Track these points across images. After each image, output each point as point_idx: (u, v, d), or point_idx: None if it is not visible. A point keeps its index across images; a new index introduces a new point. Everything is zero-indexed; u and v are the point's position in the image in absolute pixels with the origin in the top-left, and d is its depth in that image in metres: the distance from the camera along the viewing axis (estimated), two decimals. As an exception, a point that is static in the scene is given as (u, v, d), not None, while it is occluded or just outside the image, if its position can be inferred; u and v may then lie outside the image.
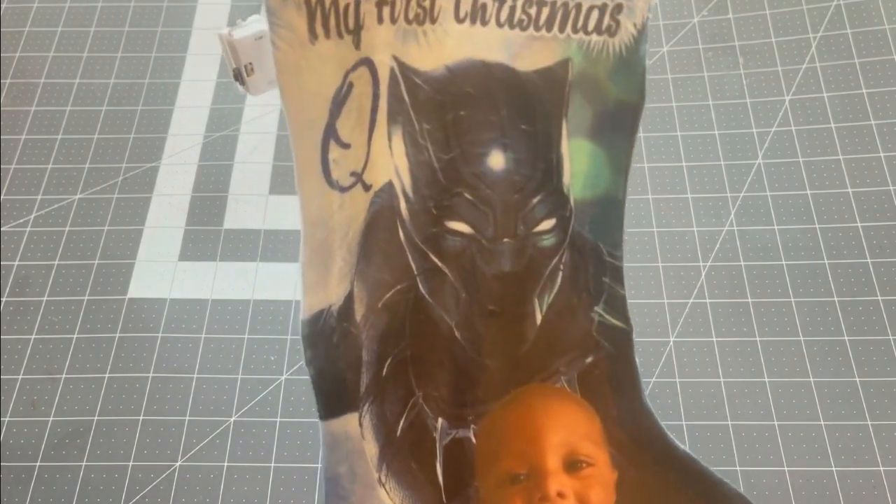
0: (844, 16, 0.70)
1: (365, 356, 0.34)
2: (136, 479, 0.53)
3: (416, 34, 0.29)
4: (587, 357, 0.34)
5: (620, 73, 0.30)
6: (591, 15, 0.29)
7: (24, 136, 0.68)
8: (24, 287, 0.61)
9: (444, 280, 0.33)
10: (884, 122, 0.65)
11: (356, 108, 0.30)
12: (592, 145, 0.32)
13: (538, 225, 0.32)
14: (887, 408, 0.54)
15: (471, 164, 0.32)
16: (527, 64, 0.30)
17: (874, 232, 0.60)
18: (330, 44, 0.29)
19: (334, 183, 0.31)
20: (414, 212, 0.32)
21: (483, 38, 0.30)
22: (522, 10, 0.29)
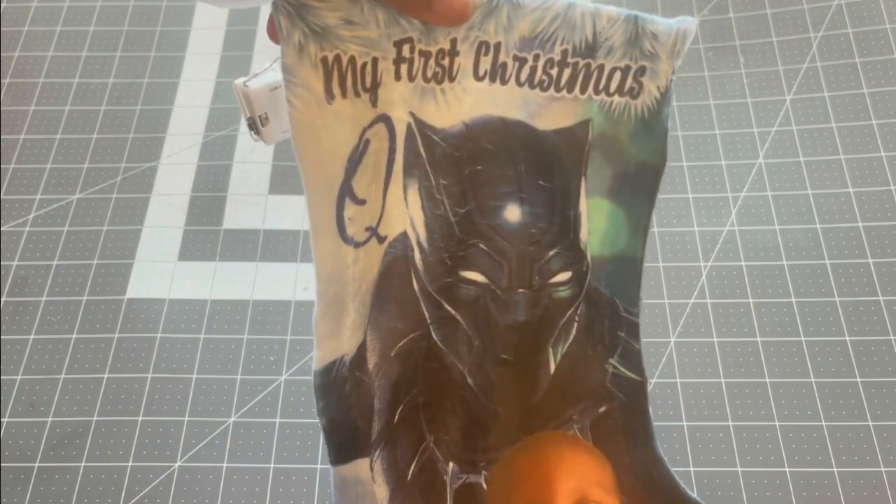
0: (845, 15, 0.70)
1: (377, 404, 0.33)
2: (135, 479, 0.53)
3: (434, 92, 0.28)
4: (600, 406, 0.34)
5: (642, 134, 0.29)
6: (613, 76, 0.28)
7: (22, 135, 0.68)
8: (23, 287, 0.60)
9: (458, 327, 0.32)
10: (885, 122, 0.65)
11: (372, 163, 0.29)
12: (611, 205, 0.31)
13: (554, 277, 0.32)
14: (889, 408, 0.54)
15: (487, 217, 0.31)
16: (546, 123, 0.29)
17: (875, 232, 0.60)
18: (347, 103, 0.28)
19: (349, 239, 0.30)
20: (428, 263, 0.31)
21: (502, 97, 0.29)
22: (543, 71, 0.28)
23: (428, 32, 0.27)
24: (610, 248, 0.32)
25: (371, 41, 0.27)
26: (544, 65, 0.28)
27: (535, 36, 0.27)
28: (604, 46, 0.28)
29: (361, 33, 0.27)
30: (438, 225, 0.31)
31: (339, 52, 0.27)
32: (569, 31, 0.27)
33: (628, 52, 0.28)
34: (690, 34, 0.28)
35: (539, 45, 0.27)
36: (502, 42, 0.27)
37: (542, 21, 0.27)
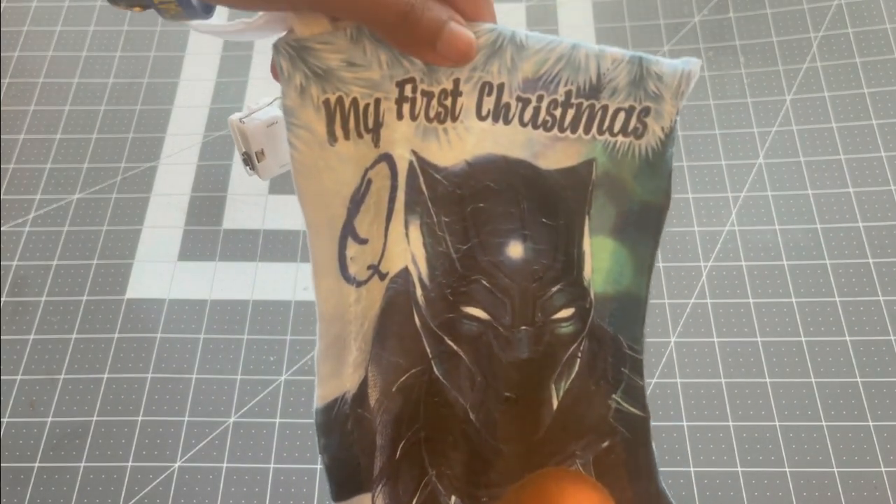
0: (846, 15, 0.70)
1: (379, 440, 0.33)
2: (135, 479, 0.53)
3: (437, 131, 0.28)
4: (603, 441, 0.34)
5: (646, 174, 0.29)
6: (617, 117, 0.28)
7: (22, 135, 0.68)
8: (23, 287, 0.60)
9: (460, 363, 0.32)
10: (885, 122, 0.65)
11: (374, 202, 0.29)
12: (615, 244, 0.31)
13: (556, 313, 0.32)
14: (889, 408, 0.53)
15: (489, 253, 0.31)
16: (550, 163, 0.29)
17: (876, 232, 0.60)
18: (349, 144, 0.28)
19: (351, 279, 0.30)
20: (430, 298, 0.31)
21: (505, 136, 0.29)
22: (547, 112, 0.28)
23: (430, 73, 0.27)
24: (614, 286, 0.32)
25: (373, 82, 0.27)
26: (548, 105, 0.28)
27: (538, 77, 0.27)
28: (608, 87, 0.28)
29: (364, 75, 0.27)
30: (440, 261, 0.31)
31: (341, 94, 0.27)
32: (573, 73, 0.27)
33: (632, 92, 0.28)
34: (695, 75, 0.28)
35: (543, 85, 0.28)
36: (506, 83, 0.27)
37: (545, 62, 0.27)
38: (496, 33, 0.27)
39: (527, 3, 0.73)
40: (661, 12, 0.73)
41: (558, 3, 0.74)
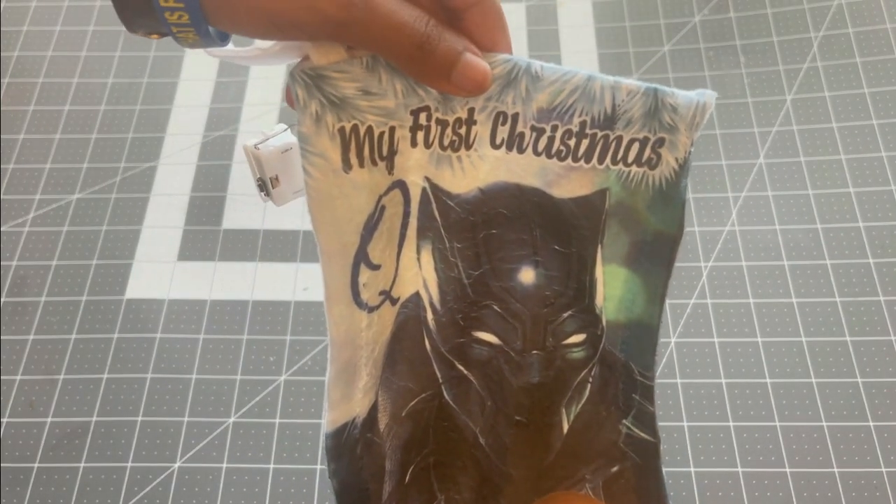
0: (846, 15, 0.70)
1: (388, 465, 0.33)
2: (134, 479, 0.53)
3: (450, 159, 0.29)
4: (613, 466, 0.34)
5: (659, 204, 0.29)
6: (631, 147, 0.28)
7: (22, 135, 0.68)
8: (23, 287, 0.60)
9: (470, 387, 0.33)
10: (886, 122, 0.65)
11: (387, 229, 0.29)
12: (628, 272, 0.31)
13: (567, 338, 0.32)
14: (889, 409, 0.53)
15: (501, 279, 0.31)
16: (563, 192, 0.29)
17: (876, 232, 0.60)
18: (364, 172, 0.28)
19: (363, 305, 0.30)
20: (441, 323, 0.31)
21: (518, 165, 0.29)
22: (561, 142, 0.28)
23: (445, 102, 0.27)
24: (626, 314, 0.31)
25: (388, 111, 0.27)
26: (562, 135, 0.28)
27: (553, 107, 0.27)
28: (623, 118, 0.28)
29: (379, 103, 0.27)
30: (451, 287, 0.31)
31: (356, 122, 0.27)
32: (588, 104, 0.27)
33: (647, 123, 0.28)
34: (710, 108, 0.28)
35: (557, 116, 0.28)
36: (520, 112, 0.27)
37: (560, 93, 0.27)
38: (511, 63, 0.27)
39: (527, 3, 0.73)
40: (661, 12, 0.73)
41: (558, 3, 0.73)
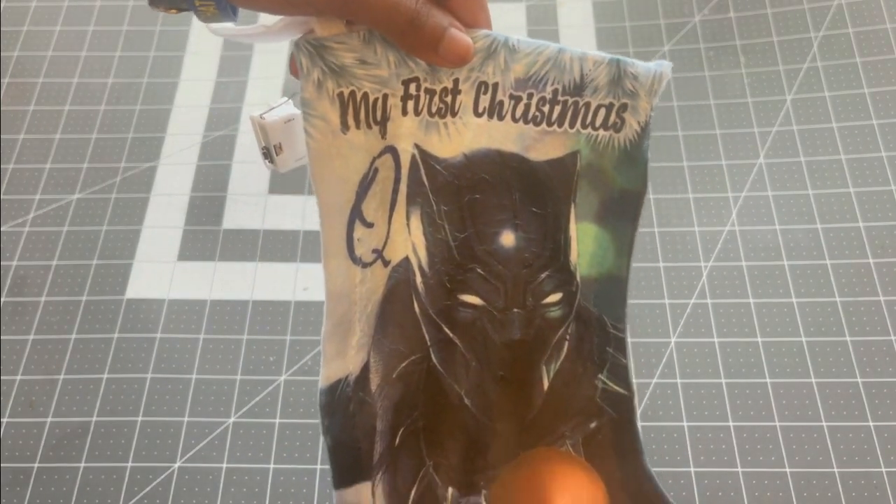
0: (846, 15, 0.70)
1: (379, 426, 0.35)
2: (134, 479, 0.53)
3: (438, 126, 0.32)
4: (591, 422, 0.36)
5: (625, 164, 0.33)
6: (598, 112, 0.32)
7: (22, 135, 0.68)
8: (23, 287, 0.60)
9: (455, 350, 0.35)
10: (886, 122, 0.65)
11: (380, 190, 0.32)
12: (598, 229, 0.34)
13: (546, 298, 0.34)
14: (889, 408, 0.53)
15: (484, 243, 0.34)
16: (539, 155, 0.32)
17: (876, 232, 0.60)
18: (360, 133, 0.31)
19: (357, 259, 0.33)
20: (429, 285, 0.34)
21: (499, 131, 0.32)
22: (536, 108, 0.31)
23: (433, 73, 0.30)
24: (597, 268, 0.34)
25: (382, 79, 0.30)
26: (537, 102, 0.31)
27: (528, 77, 0.31)
28: (590, 86, 0.31)
29: (374, 72, 0.30)
30: (439, 249, 0.34)
31: (353, 88, 0.30)
32: (559, 73, 0.31)
33: (612, 90, 0.32)
34: (667, 76, 0.31)
35: (532, 85, 0.31)
36: (500, 82, 0.31)
37: (535, 64, 0.31)
38: (491, 38, 0.30)
39: (527, 3, 0.73)
40: (661, 12, 0.73)
41: (558, 2, 0.74)
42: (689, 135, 0.66)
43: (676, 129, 0.66)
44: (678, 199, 0.62)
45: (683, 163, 0.64)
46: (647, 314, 0.57)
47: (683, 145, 0.65)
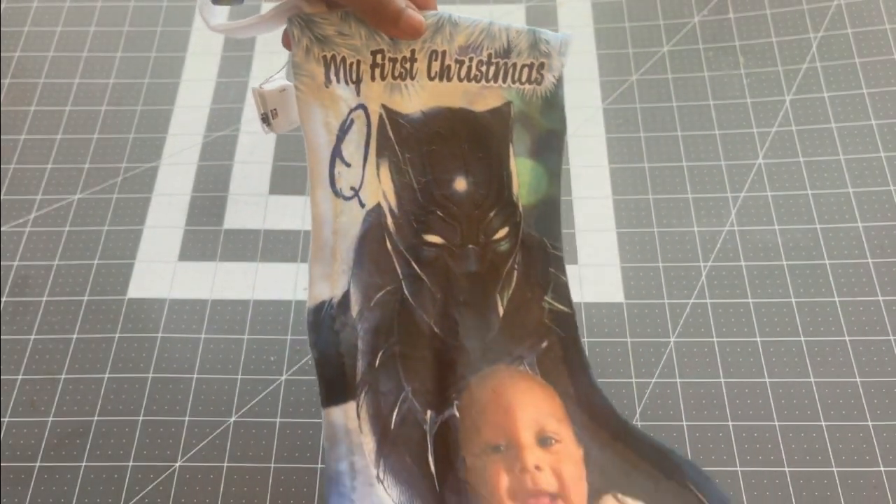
0: (845, 15, 0.70)
1: (360, 345, 0.41)
2: (135, 479, 0.53)
3: (400, 87, 0.40)
4: (542, 342, 0.43)
5: (547, 110, 0.42)
6: (523, 70, 0.41)
7: (23, 135, 0.68)
8: (24, 287, 0.60)
9: (423, 285, 0.42)
10: (885, 122, 0.65)
11: (356, 138, 0.40)
12: (533, 162, 0.42)
13: (495, 234, 0.42)
14: (888, 408, 0.54)
15: (441, 188, 0.42)
16: (481, 106, 0.41)
17: (875, 232, 0.60)
18: (340, 87, 0.40)
19: (338, 192, 0.40)
20: (398, 225, 0.41)
21: (448, 91, 0.41)
22: (476, 69, 0.41)
23: (395, 45, 0.39)
24: (535, 195, 0.42)
25: (356, 48, 0.39)
26: (476, 64, 0.41)
27: (468, 45, 0.40)
28: (515, 50, 0.41)
29: (350, 42, 0.39)
30: (405, 192, 0.41)
31: (334, 52, 0.39)
32: (491, 41, 0.40)
33: (531, 53, 0.41)
34: (570, 41, 0.41)
35: (472, 50, 0.40)
36: (446, 50, 0.40)
37: (472, 35, 0.40)
38: (438, 16, 0.39)
39: (527, 4, 0.73)
40: (660, 13, 0.73)
41: (558, 3, 0.74)
42: (688, 135, 0.66)
43: (676, 129, 0.66)
44: (677, 199, 0.63)
45: (682, 163, 0.64)
46: (646, 314, 0.57)
47: (682, 145, 0.65)
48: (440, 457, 0.41)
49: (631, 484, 0.42)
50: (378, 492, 0.40)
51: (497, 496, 0.40)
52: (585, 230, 0.61)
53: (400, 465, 0.40)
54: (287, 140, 0.66)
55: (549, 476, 0.40)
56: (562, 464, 0.41)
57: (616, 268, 0.60)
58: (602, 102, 0.68)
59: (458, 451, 0.40)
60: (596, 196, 0.63)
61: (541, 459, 0.40)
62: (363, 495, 0.39)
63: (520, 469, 0.40)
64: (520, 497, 0.40)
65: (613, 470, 0.41)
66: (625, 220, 0.62)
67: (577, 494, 0.40)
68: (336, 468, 0.40)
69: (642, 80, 0.69)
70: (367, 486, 0.39)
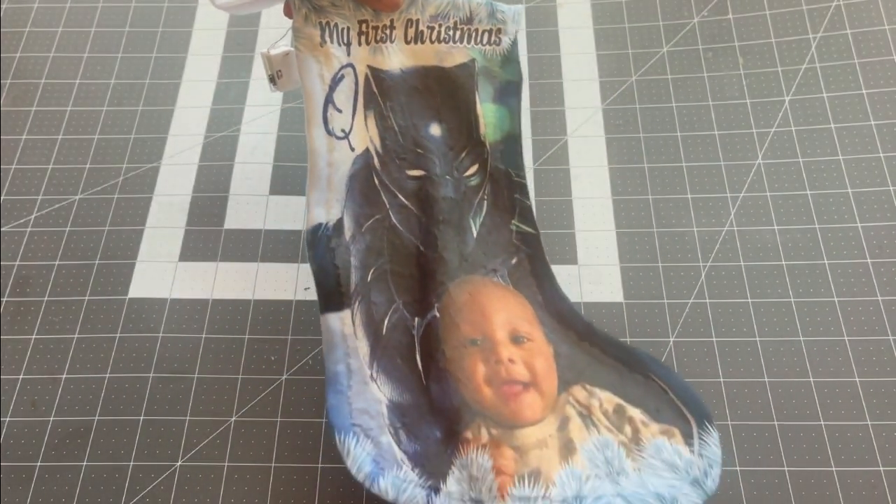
0: (844, 16, 0.71)
1: (353, 262, 0.48)
2: (136, 478, 0.53)
3: (381, 49, 0.48)
4: (512, 259, 0.49)
5: (505, 65, 0.50)
6: (484, 34, 0.49)
7: (24, 136, 0.68)
8: (25, 287, 0.61)
9: (409, 213, 0.49)
10: (883, 123, 0.65)
11: (345, 90, 0.48)
12: (496, 106, 0.50)
13: (466, 171, 0.50)
14: (887, 408, 0.54)
15: (419, 132, 0.49)
16: (450, 63, 0.49)
17: (874, 232, 0.60)
18: (333, 46, 0.48)
19: (331, 131, 0.48)
20: (384, 163, 0.49)
21: (422, 51, 0.49)
22: (444, 33, 0.49)
23: (376, 15, 0.47)
24: (500, 132, 0.50)
25: (346, 16, 0.47)
26: (445, 29, 0.49)
27: (437, 14, 0.48)
28: (476, 18, 0.49)
29: (341, 12, 0.47)
30: (388, 134, 0.49)
31: (328, 19, 0.47)
32: (456, 11, 0.49)
33: (489, 20, 0.49)
34: (522, 10, 0.50)
35: (441, 18, 0.49)
36: (420, 19, 0.48)
37: (441, 6, 0.48)
38: None
39: (526, 5, 0.73)
40: (660, 13, 0.73)
41: (558, 4, 0.74)
42: (687, 135, 0.66)
43: (675, 129, 0.66)
44: (676, 199, 0.63)
45: (682, 163, 0.65)
46: (645, 314, 0.57)
47: (682, 146, 0.65)
48: (425, 354, 0.46)
49: (598, 376, 0.46)
50: (371, 389, 0.45)
51: (475, 381, 0.45)
52: (585, 230, 0.61)
53: (391, 365, 0.46)
54: (287, 140, 0.66)
55: (521, 368, 0.45)
56: (534, 358, 0.46)
57: (615, 268, 0.60)
58: (601, 103, 0.68)
59: (438, 344, 0.46)
60: (595, 196, 0.63)
61: (514, 354, 0.46)
62: (358, 392, 0.45)
63: (495, 361, 0.45)
64: (495, 384, 0.45)
65: (581, 364, 0.46)
66: (624, 221, 0.62)
67: (548, 384, 0.45)
68: (334, 370, 0.45)
69: (642, 81, 0.69)
70: (361, 385, 0.45)
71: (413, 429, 0.45)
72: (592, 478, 0.42)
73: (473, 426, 0.43)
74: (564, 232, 0.60)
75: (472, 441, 0.43)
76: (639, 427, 0.45)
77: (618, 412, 0.45)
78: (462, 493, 0.42)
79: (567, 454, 0.43)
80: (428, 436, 0.44)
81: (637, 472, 0.43)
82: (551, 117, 0.66)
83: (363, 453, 0.44)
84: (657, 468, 0.44)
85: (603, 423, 0.45)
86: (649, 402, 0.46)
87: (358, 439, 0.44)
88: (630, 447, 0.44)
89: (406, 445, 0.44)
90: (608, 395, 0.46)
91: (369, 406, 0.45)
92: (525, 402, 0.44)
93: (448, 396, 0.44)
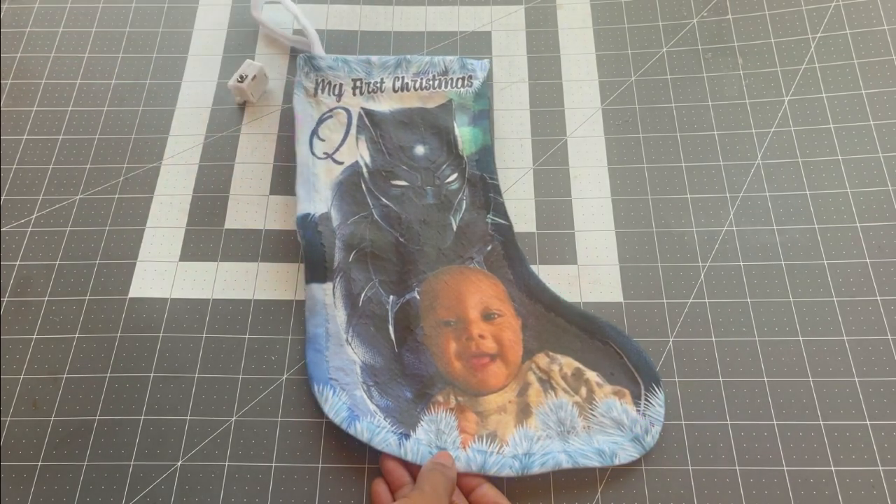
0: (844, 16, 0.71)
1: (338, 244, 0.56)
2: (137, 478, 0.53)
3: (373, 97, 0.63)
4: (488, 246, 0.57)
5: (477, 99, 0.63)
6: (458, 82, 0.63)
7: (25, 136, 0.68)
8: (26, 287, 0.61)
9: (391, 210, 0.58)
10: (883, 123, 0.65)
11: (331, 124, 0.62)
12: (470, 128, 0.62)
13: (447, 180, 0.59)
14: (886, 408, 0.54)
15: (405, 152, 0.60)
16: (431, 104, 0.63)
17: (873, 232, 0.60)
18: (323, 96, 0.63)
19: (314, 153, 0.61)
20: (371, 173, 0.59)
21: (407, 97, 0.63)
22: (425, 83, 0.63)
23: (369, 73, 0.64)
24: (475, 146, 0.61)
25: (340, 77, 0.64)
26: (426, 81, 0.63)
27: (419, 71, 0.64)
28: (450, 70, 0.64)
29: (337, 74, 0.64)
30: (377, 153, 0.60)
31: (323, 77, 0.64)
32: (433, 67, 0.64)
33: (462, 71, 0.64)
34: (487, 66, 0.65)
35: (422, 74, 0.64)
36: (405, 76, 0.64)
37: (421, 65, 0.64)
38: (399, 58, 0.65)
39: (526, 6, 0.73)
40: (659, 14, 0.73)
41: (557, 4, 0.74)
42: (686, 136, 0.66)
43: (674, 129, 0.66)
44: (676, 199, 0.63)
45: (681, 163, 0.65)
46: (645, 314, 0.58)
47: (681, 146, 0.65)
48: (401, 327, 0.54)
49: (561, 344, 0.53)
50: (347, 350, 0.53)
51: (447, 355, 0.52)
52: (585, 230, 0.61)
53: (365, 332, 0.54)
54: (287, 141, 0.67)
55: (490, 342, 0.52)
56: (502, 332, 0.53)
57: (615, 268, 0.60)
58: (601, 103, 0.68)
59: (418, 321, 0.53)
60: (595, 196, 0.63)
61: (484, 330, 0.53)
62: (335, 353, 0.53)
63: (466, 338, 0.53)
64: (464, 357, 0.52)
65: (546, 334, 0.53)
66: (624, 221, 0.62)
67: (513, 354, 0.52)
68: (314, 332, 0.54)
69: (641, 81, 0.69)
70: (338, 346, 0.53)
71: (384, 387, 0.52)
72: (543, 438, 0.49)
73: (444, 392, 0.51)
74: (564, 232, 0.60)
75: (443, 404, 0.51)
76: (594, 388, 0.51)
77: (576, 375, 0.52)
78: (430, 442, 0.49)
79: (523, 417, 0.50)
80: (399, 395, 0.51)
81: (586, 431, 0.50)
82: (551, 117, 0.66)
83: (339, 402, 0.51)
84: (605, 426, 0.50)
85: (561, 386, 0.51)
86: (605, 365, 0.52)
87: (335, 390, 0.52)
88: (584, 406, 0.51)
89: (378, 401, 0.51)
90: (568, 359, 0.52)
91: (344, 365, 0.52)
92: (491, 372, 0.51)
93: (424, 365, 0.52)
